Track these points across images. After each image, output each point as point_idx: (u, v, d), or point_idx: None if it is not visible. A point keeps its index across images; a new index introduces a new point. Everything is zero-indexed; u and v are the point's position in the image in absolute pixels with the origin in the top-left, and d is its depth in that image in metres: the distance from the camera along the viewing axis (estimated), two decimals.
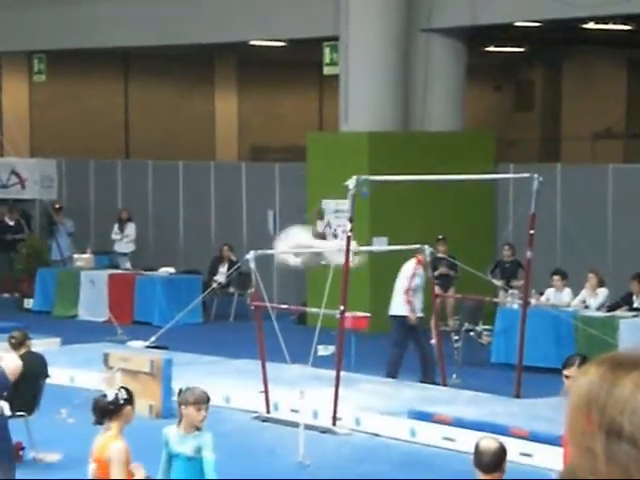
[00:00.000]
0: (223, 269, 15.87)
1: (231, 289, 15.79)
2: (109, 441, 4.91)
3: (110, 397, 4.99)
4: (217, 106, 24.43)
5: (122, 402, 4.93)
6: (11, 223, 18.17)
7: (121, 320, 14.39)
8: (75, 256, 16.71)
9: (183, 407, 5.30)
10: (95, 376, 10.42)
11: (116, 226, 17.70)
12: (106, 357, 10.30)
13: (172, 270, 15.94)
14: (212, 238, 18.15)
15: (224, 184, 18.14)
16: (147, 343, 11.41)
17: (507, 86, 25.57)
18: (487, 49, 22.37)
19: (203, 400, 5.38)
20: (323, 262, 9.90)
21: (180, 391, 5.56)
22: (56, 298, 16.07)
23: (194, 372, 10.84)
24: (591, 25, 17.83)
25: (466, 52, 15.75)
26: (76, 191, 19.64)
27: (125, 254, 17.55)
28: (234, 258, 15.64)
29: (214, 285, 13.18)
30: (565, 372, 5.36)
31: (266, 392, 9.86)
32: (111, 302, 15.39)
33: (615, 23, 17.62)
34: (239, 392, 10.43)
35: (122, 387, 5.14)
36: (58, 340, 12.90)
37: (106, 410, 4.98)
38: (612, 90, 23.73)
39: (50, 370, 8.67)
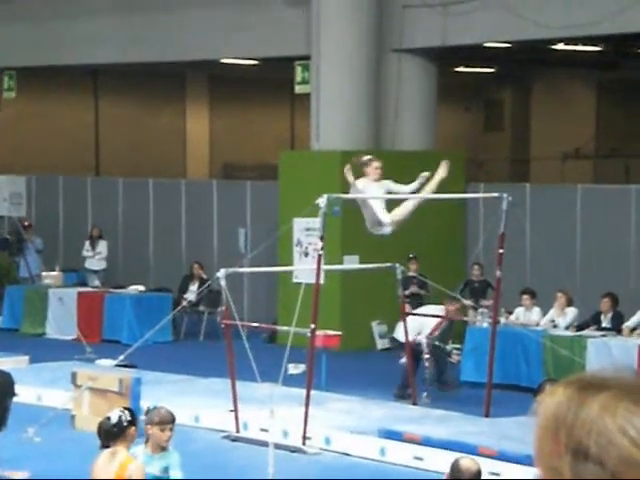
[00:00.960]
0: (193, 287, 15.81)
1: (201, 307, 15.73)
2: (127, 462, 4.88)
3: (114, 419, 4.97)
4: (188, 123, 24.42)
5: (126, 424, 4.91)
6: None
7: (90, 338, 14.28)
8: (44, 274, 16.59)
9: (149, 427, 5.27)
10: (63, 395, 10.33)
11: (87, 243, 17.61)
12: (74, 376, 10.22)
13: (142, 288, 15.86)
14: (183, 256, 18.08)
15: (195, 202, 18.10)
16: (116, 362, 11.33)
17: (477, 106, 25.80)
18: (457, 69, 22.58)
19: (167, 420, 5.35)
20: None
21: (147, 410, 5.53)
22: (24, 316, 15.93)
23: (163, 391, 10.77)
24: (561, 46, 18.05)
25: (437, 72, 15.89)
26: (45, 208, 19.51)
27: (96, 271, 17.45)
28: (205, 276, 15.59)
29: (184, 303, 13.12)
30: (538, 398, 5.47)
31: (236, 411, 9.82)
32: (80, 320, 15.28)
33: (585, 44, 17.86)
34: (208, 411, 10.38)
35: (125, 408, 5.11)
36: (26, 358, 12.78)
37: (111, 433, 4.95)
38: (582, 111, 24.02)
39: (17, 389, 8.58)
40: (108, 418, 5.03)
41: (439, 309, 11.22)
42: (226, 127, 24.45)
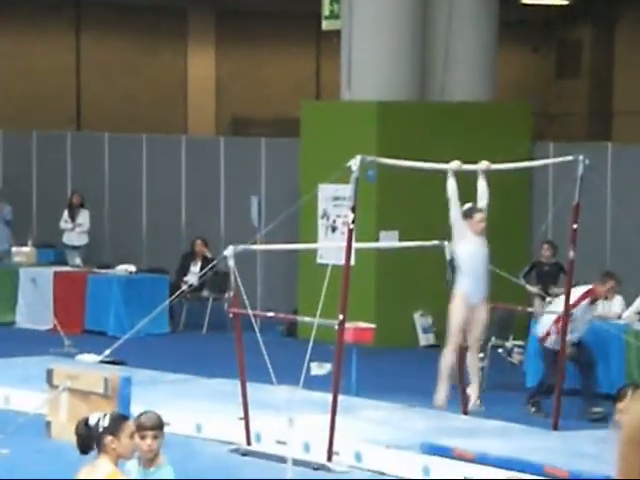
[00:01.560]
0: (195, 268, 15.88)
1: (205, 292, 15.80)
2: (111, 476, 4.92)
3: (91, 422, 5.00)
4: (190, 67, 24.41)
5: (101, 430, 4.93)
6: None
7: (69, 329, 14.39)
8: (13, 249, 16.71)
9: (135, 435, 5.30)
10: (36, 397, 10.43)
11: (66, 213, 17.70)
12: (50, 374, 10.30)
13: (132, 268, 15.95)
14: (182, 230, 18.15)
15: (198, 163, 18.14)
16: (100, 357, 11.41)
17: (548, 47, 25.58)
18: (524, 2, 22.37)
19: (147, 425, 5.38)
20: None
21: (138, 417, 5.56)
22: None
23: (158, 393, 10.85)
24: None
25: (498, 4, 15.75)
26: (15, 170, 19.62)
27: (76, 247, 17.55)
28: (209, 255, 15.65)
29: (184, 287, 13.18)
30: (619, 405, 5.53)
31: (246, 419, 9.88)
32: (57, 306, 15.39)
33: None
34: (213, 419, 10.44)
35: (112, 413, 5.12)
36: None
37: (84, 439, 4.99)
38: None
39: None
40: (85, 420, 5.06)
41: (584, 290, 11.11)
42: (236, 72, 24.43)
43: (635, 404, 1.27)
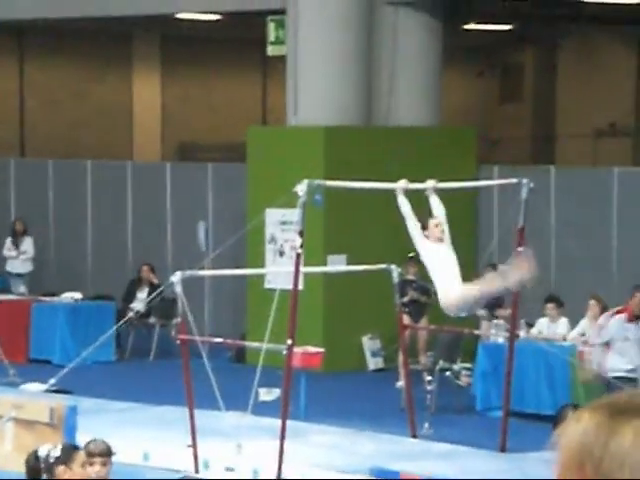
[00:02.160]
0: (142, 294, 15.79)
1: (152, 319, 15.72)
2: None
3: (41, 454, 4.98)
4: (136, 92, 24.34)
5: (52, 461, 4.91)
6: None
7: (13, 358, 14.22)
8: None
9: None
10: None
11: (9, 240, 17.54)
12: None
13: (78, 296, 15.83)
14: (129, 256, 18.05)
15: (144, 189, 18.08)
16: (46, 386, 11.29)
17: (492, 72, 25.87)
18: (468, 27, 22.62)
19: (96, 452, 5.37)
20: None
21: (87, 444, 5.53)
22: None
23: (104, 421, 10.76)
24: None
25: (442, 30, 15.92)
26: None
27: (20, 275, 17.39)
28: (156, 281, 15.58)
29: (130, 314, 13.10)
30: (558, 431, 5.50)
31: (195, 447, 9.83)
32: (1, 335, 15.20)
33: None
34: (161, 447, 10.38)
35: (63, 443, 5.09)
36: None
37: (34, 471, 4.96)
38: (618, 77, 24.12)
39: None
40: (35, 452, 5.03)
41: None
42: (182, 98, 24.41)
43: (572, 423, 1.30)
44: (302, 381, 11.33)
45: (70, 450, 5.01)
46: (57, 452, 4.95)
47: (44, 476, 4.92)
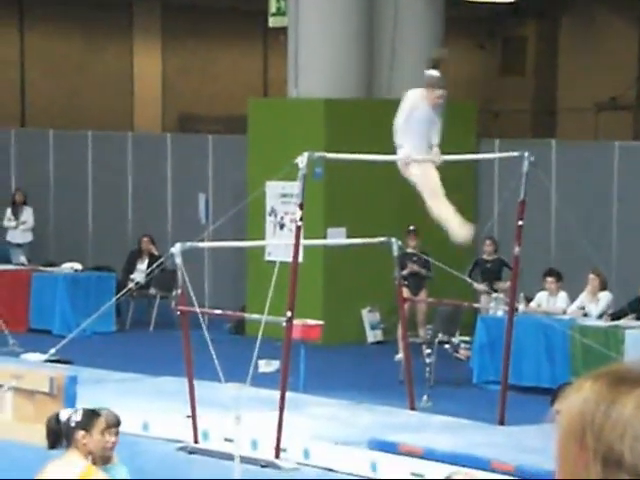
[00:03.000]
0: (142, 266, 15.80)
1: (152, 290, 15.74)
2: (88, 473, 4.91)
3: (63, 417, 5.00)
4: (136, 63, 24.25)
5: (73, 425, 4.94)
6: None
7: (13, 327, 14.24)
8: None
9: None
10: None
11: (9, 211, 17.53)
12: None
13: (78, 266, 15.84)
14: (129, 227, 18.05)
15: (144, 160, 18.05)
16: (46, 356, 11.32)
17: (493, 45, 25.77)
18: None
19: (113, 422, 5.38)
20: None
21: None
22: None
23: (104, 392, 10.79)
24: None
25: (443, 2, 15.85)
26: None
27: (20, 245, 17.39)
28: (156, 252, 15.58)
29: (130, 285, 13.11)
30: (556, 407, 5.38)
31: (194, 417, 9.86)
32: (1, 305, 15.23)
33: None
34: (160, 417, 10.41)
35: (84, 409, 5.12)
36: None
37: (54, 434, 4.99)
38: (620, 51, 24.04)
39: None
40: (56, 415, 5.06)
41: None
42: (182, 69, 24.32)
43: (573, 393, 1.30)
44: (301, 353, 11.35)
45: (91, 416, 5.04)
46: (78, 417, 4.98)
47: (64, 440, 4.96)
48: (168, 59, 24.36)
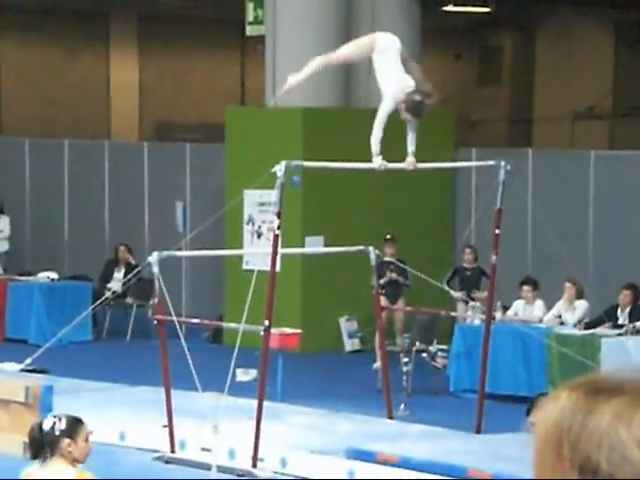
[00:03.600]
0: (119, 274, 15.75)
1: (129, 299, 15.69)
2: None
3: (46, 426, 4.98)
4: (113, 72, 24.21)
5: (58, 433, 4.92)
6: None
7: None
8: None
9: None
10: None
11: None
12: None
13: (54, 275, 15.77)
14: (106, 236, 17.99)
15: (121, 169, 18.00)
16: (22, 366, 11.25)
17: (470, 54, 25.88)
18: (445, 9, 22.61)
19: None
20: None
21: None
22: None
23: (80, 401, 10.74)
24: None
25: (420, 12, 15.91)
26: None
27: None
28: (133, 261, 15.54)
29: (107, 294, 13.07)
30: (532, 418, 5.29)
31: (170, 427, 9.83)
32: None
33: None
34: (137, 427, 10.37)
35: (67, 416, 5.10)
36: None
37: (36, 442, 4.96)
38: (596, 60, 24.19)
39: None
40: (39, 424, 5.04)
41: None
42: (159, 77, 24.30)
43: (551, 403, 1.30)
44: (279, 362, 11.34)
45: (75, 423, 5.03)
46: (62, 425, 4.96)
47: (47, 449, 4.93)
48: (145, 68, 24.33)
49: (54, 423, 4.96)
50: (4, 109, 23.28)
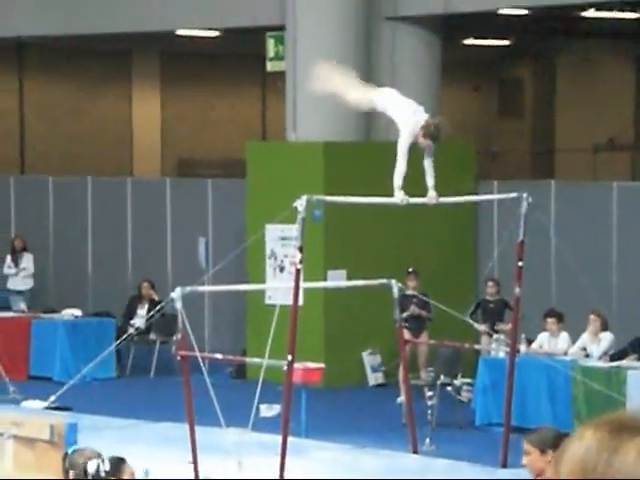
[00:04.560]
0: (142, 311, 15.77)
1: (152, 335, 15.70)
2: None
3: (90, 469, 4.99)
4: (135, 109, 24.39)
5: (103, 475, 4.94)
6: None
7: (13, 375, 14.19)
8: None
9: (72, 473, 5.27)
10: None
11: (9, 258, 17.52)
12: None
13: (78, 312, 15.81)
14: (129, 273, 18.03)
15: (144, 205, 18.07)
16: (46, 403, 11.27)
17: (490, 86, 25.92)
18: (466, 42, 22.68)
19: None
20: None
21: (65, 455, 5.52)
22: None
23: (105, 439, 10.72)
24: (591, 13, 18.17)
25: (440, 45, 15.95)
26: None
27: (21, 292, 17.37)
28: (156, 297, 15.55)
29: (131, 331, 13.08)
30: (525, 444, 5.01)
31: (195, 463, 9.80)
32: (1, 352, 15.17)
33: (621, 10, 17.97)
34: (161, 464, 10.34)
35: (110, 457, 5.12)
36: None
37: None
38: (617, 92, 24.17)
39: None
40: (84, 467, 5.07)
41: None
42: (181, 114, 24.45)
43: (575, 442, 1.29)
44: (303, 397, 11.30)
45: (118, 463, 5.05)
46: (106, 466, 4.99)
47: None
48: (167, 105, 24.50)
49: (98, 465, 4.98)
50: (27, 147, 23.46)
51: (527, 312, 12.40)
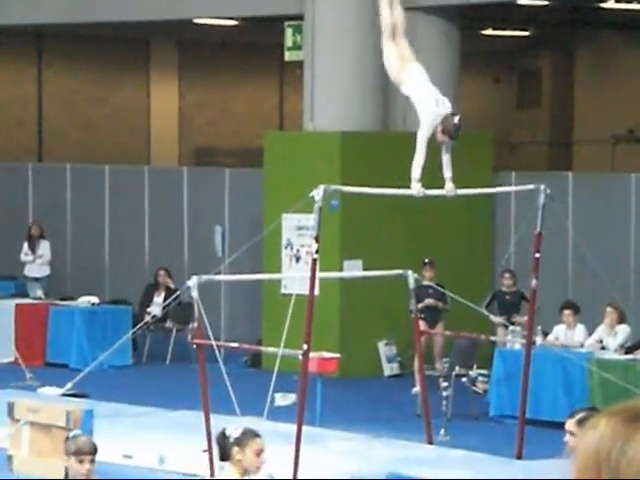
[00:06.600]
0: (158, 299, 15.82)
1: (168, 324, 15.75)
2: None
3: (227, 432, 5.28)
4: (153, 98, 24.42)
5: (231, 441, 5.17)
6: None
7: (30, 361, 14.27)
8: None
9: (66, 458, 5.32)
10: None
11: (26, 245, 17.60)
12: (11, 407, 10.22)
13: (95, 300, 15.87)
14: (145, 261, 18.09)
15: (161, 194, 18.11)
16: (63, 390, 11.32)
17: (509, 77, 25.84)
18: (485, 33, 22.61)
19: (86, 450, 5.39)
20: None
21: (66, 439, 5.57)
22: None
23: (121, 426, 10.78)
24: (610, 4, 18.09)
25: (459, 36, 15.91)
26: None
27: (37, 279, 17.44)
28: (172, 285, 15.60)
29: (147, 318, 13.14)
30: (566, 425, 5.30)
31: (210, 451, 9.83)
32: (18, 339, 15.26)
33: (639, 2, 17.89)
34: (176, 451, 10.39)
35: (245, 428, 5.37)
36: None
37: (221, 447, 5.26)
38: (636, 83, 24.05)
39: None
40: (223, 430, 5.36)
41: None
42: (199, 103, 24.47)
43: (590, 431, 1.30)
44: (318, 386, 11.32)
45: (247, 434, 5.25)
46: (237, 433, 5.19)
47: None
48: (184, 93, 24.52)
49: (233, 431, 5.24)
50: (45, 135, 23.53)
51: (543, 304, 12.38)
